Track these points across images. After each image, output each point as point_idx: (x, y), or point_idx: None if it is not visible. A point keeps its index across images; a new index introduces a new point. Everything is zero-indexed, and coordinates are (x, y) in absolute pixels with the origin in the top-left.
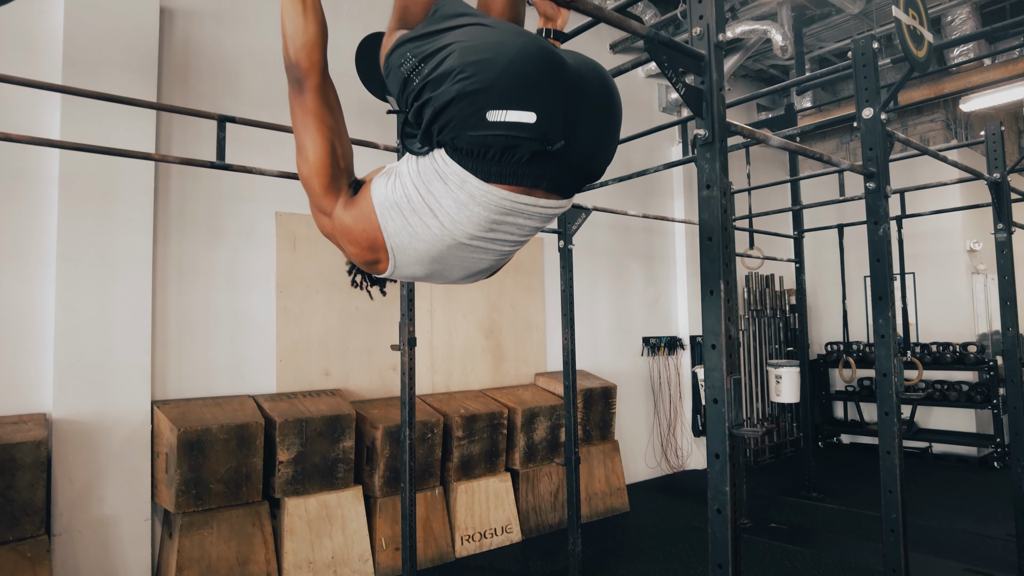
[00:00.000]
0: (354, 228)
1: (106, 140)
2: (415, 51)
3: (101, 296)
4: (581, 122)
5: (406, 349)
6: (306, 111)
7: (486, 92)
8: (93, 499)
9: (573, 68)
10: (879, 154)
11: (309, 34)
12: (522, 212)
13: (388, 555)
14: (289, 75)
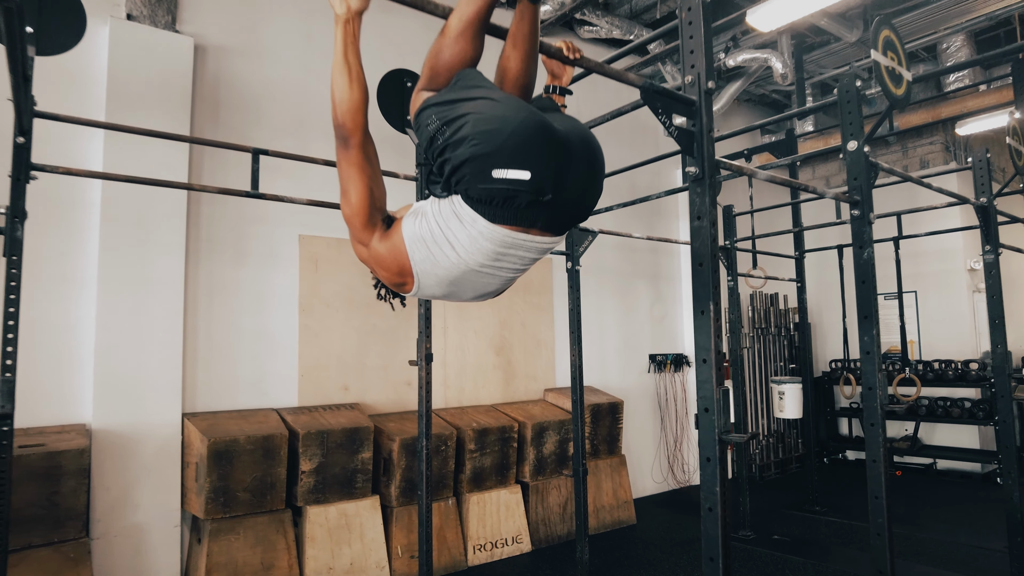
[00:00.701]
0: (387, 257)
1: (145, 170)
2: (439, 114)
3: (137, 316)
4: (568, 177)
5: (423, 364)
6: (350, 163)
7: (492, 155)
8: (128, 505)
9: (562, 134)
10: (863, 183)
11: (354, 100)
12: (521, 246)
13: (404, 563)
14: (336, 133)
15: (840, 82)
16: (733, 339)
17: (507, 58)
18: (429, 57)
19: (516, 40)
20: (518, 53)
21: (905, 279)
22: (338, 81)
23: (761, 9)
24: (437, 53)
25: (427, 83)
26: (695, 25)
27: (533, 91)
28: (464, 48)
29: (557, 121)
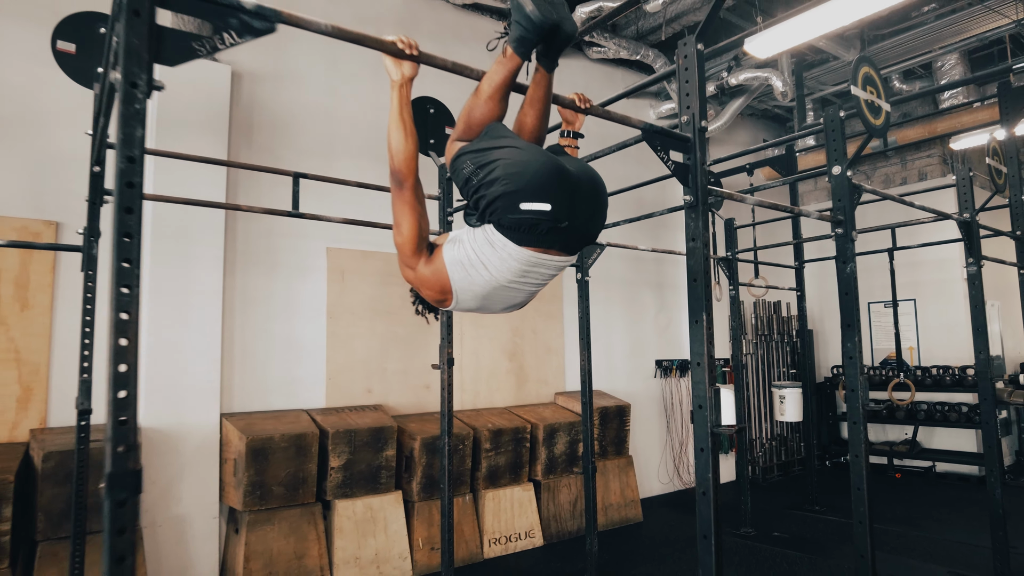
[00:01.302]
0: (431, 278)
1: (189, 190)
2: (473, 160)
3: (180, 324)
4: (579, 208)
5: (445, 368)
6: (404, 202)
7: (520, 191)
8: (171, 498)
9: (574, 175)
10: (846, 204)
11: (409, 151)
12: (543, 264)
13: (424, 554)
14: (393, 177)
15: (826, 113)
16: (735, 346)
17: (525, 114)
18: (463, 114)
19: (533, 101)
20: (534, 112)
21: (904, 287)
22: (395, 135)
23: (758, 38)
24: (471, 111)
25: (461, 134)
26: (691, 71)
27: (545, 139)
28: (493, 108)
29: (569, 164)
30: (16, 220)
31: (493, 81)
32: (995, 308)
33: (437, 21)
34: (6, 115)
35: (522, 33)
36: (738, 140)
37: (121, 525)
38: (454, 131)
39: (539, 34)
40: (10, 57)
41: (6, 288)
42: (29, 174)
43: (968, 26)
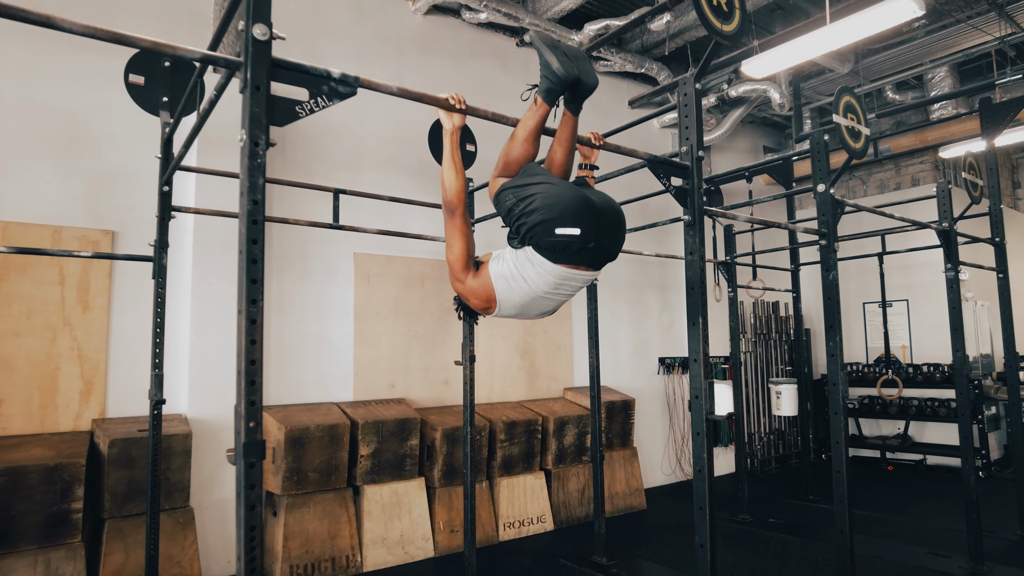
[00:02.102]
0: (478, 289)
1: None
2: (515, 194)
3: (222, 324)
4: (603, 231)
5: (467, 364)
6: (455, 227)
7: (555, 219)
8: (216, 483)
9: (598, 205)
10: (829, 219)
11: (459, 186)
12: (573, 278)
13: (445, 536)
14: (446, 207)
15: (812, 137)
16: (733, 344)
17: (555, 151)
18: (503, 155)
19: (561, 140)
20: (562, 149)
21: (898, 289)
22: (448, 174)
23: (755, 60)
24: (509, 152)
25: (501, 172)
26: (689, 107)
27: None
28: (527, 149)
29: (593, 195)
30: (78, 229)
31: (527, 127)
32: (985, 308)
33: (455, 40)
34: (72, 134)
35: (549, 86)
36: (739, 147)
37: (252, 482)
38: (496, 169)
39: (564, 86)
40: (78, 83)
41: (70, 292)
42: (89, 187)
43: (956, 41)
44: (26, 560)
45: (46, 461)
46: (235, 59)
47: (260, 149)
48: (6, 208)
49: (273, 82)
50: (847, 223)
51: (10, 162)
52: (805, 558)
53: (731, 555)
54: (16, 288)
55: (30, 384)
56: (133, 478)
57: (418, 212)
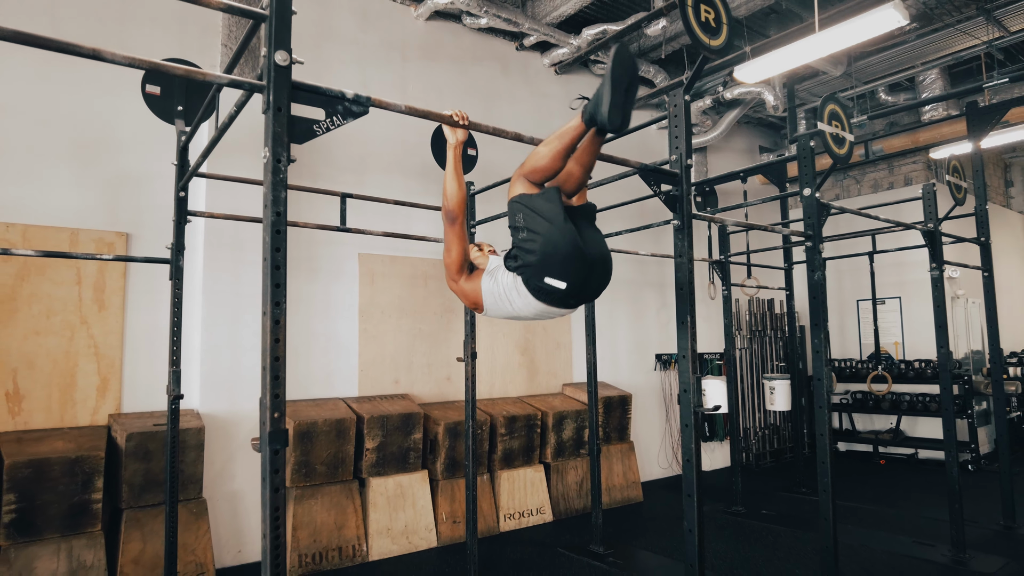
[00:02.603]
0: (469, 292)
1: (238, 207)
2: (525, 217)
3: (232, 323)
4: (588, 285)
5: (469, 361)
6: (454, 234)
7: (547, 268)
8: (227, 476)
9: (591, 257)
10: (815, 222)
11: (460, 196)
12: (553, 313)
13: (448, 526)
14: (447, 215)
15: (798, 143)
16: (727, 341)
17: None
18: (533, 157)
19: (581, 156)
20: (580, 167)
21: (891, 286)
22: (450, 184)
23: (748, 66)
24: (538, 158)
25: (526, 174)
26: (679, 119)
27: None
28: (555, 164)
29: (589, 244)
30: (94, 232)
31: (562, 142)
32: (976, 306)
33: (457, 45)
34: (88, 140)
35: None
36: (735, 147)
37: (276, 467)
38: (522, 168)
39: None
40: (94, 92)
41: (87, 291)
42: (104, 191)
43: (946, 45)
44: (50, 548)
45: (67, 454)
46: (259, 83)
47: (282, 165)
48: (27, 212)
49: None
50: (842, 222)
51: (31, 167)
52: (794, 547)
53: (724, 544)
54: (36, 289)
55: (50, 380)
56: (149, 470)
57: (421, 214)
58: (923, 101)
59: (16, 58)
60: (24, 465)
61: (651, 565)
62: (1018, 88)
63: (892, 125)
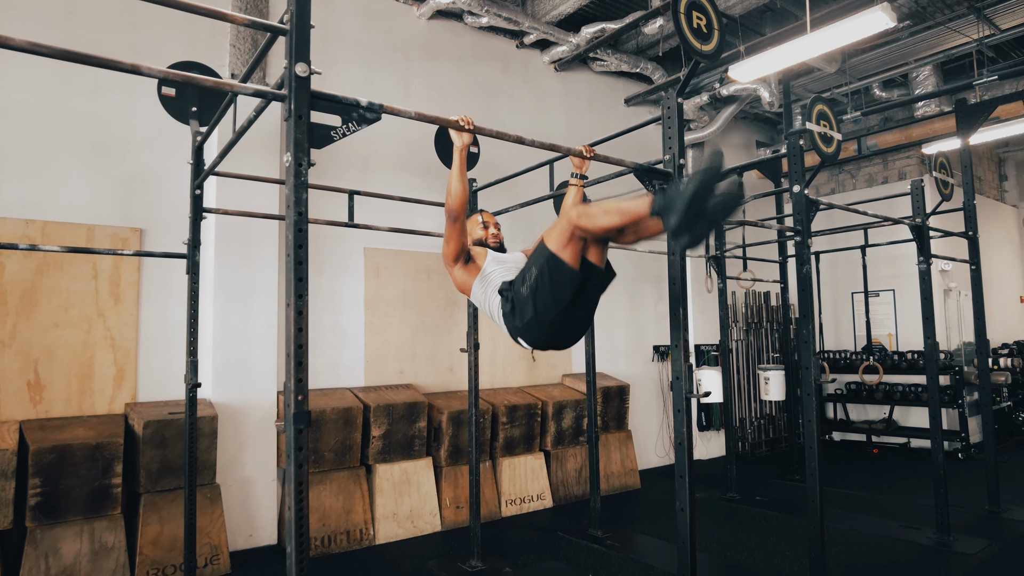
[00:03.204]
0: (460, 282)
1: (248, 203)
2: (538, 278)
3: (243, 316)
4: (548, 348)
5: (472, 351)
6: (454, 230)
7: (524, 332)
8: (238, 464)
9: (565, 342)
10: (804, 217)
11: (463, 195)
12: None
13: (451, 511)
14: (449, 213)
15: (788, 141)
16: (723, 333)
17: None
18: (588, 218)
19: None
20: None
21: (885, 279)
22: (454, 185)
23: (742, 65)
24: (593, 221)
25: (574, 227)
26: (672, 119)
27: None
28: (606, 234)
29: (577, 323)
30: (109, 228)
31: (624, 217)
32: (969, 299)
33: (458, 44)
34: (103, 140)
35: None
36: (732, 142)
37: (300, 445)
38: (574, 217)
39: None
40: (109, 94)
41: (103, 285)
42: (118, 189)
43: (938, 42)
44: (74, 529)
45: (88, 440)
46: (281, 93)
47: (303, 169)
48: (45, 209)
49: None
50: (837, 216)
51: (49, 166)
52: (786, 530)
53: (718, 528)
54: (55, 283)
55: (69, 371)
56: (165, 457)
57: (424, 209)
58: (916, 98)
59: (34, 62)
60: (48, 451)
61: (648, 547)
62: (1008, 85)
63: (886, 121)
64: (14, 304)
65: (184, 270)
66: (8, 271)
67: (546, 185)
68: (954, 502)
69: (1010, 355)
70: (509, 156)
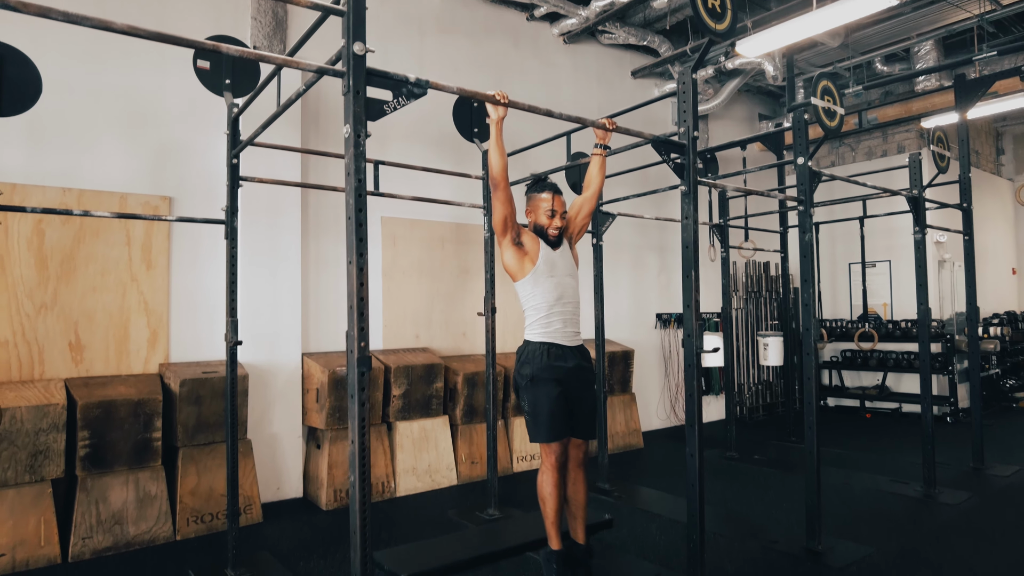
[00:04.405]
0: (507, 264)
1: (272, 172)
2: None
3: (271, 281)
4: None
5: (489, 315)
6: (498, 199)
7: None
8: (267, 421)
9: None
10: (807, 188)
11: (503, 166)
12: None
13: (467, 467)
14: (491, 182)
15: (793, 114)
16: (724, 300)
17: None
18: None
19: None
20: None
21: (882, 250)
22: (493, 156)
23: (748, 41)
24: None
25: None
26: (686, 95)
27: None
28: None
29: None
30: (141, 196)
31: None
32: (961, 269)
33: (470, 17)
34: (137, 112)
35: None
36: (735, 115)
37: (363, 385)
38: None
39: None
40: (143, 67)
41: (135, 252)
42: (150, 159)
43: (940, 17)
44: (120, 479)
45: (131, 397)
46: (340, 70)
47: (361, 139)
48: (80, 178)
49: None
50: (837, 188)
51: (84, 137)
52: (783, 486)
53: (719, 484)
54: (92, 249)
55: (107, 333)
56: (201, 413)
57: (440, 180)
58: (916, 72)
59: (69, 36)
60: (95, 406)
61: (652, 499)
62: (1007, 60)
63: (887, 95)
64: (55, 270)
65: (219, 236)
66: (48, 238)
67: (553, 157)
68: (941, 460)
69: (1000, 324)
70: (521, 128)
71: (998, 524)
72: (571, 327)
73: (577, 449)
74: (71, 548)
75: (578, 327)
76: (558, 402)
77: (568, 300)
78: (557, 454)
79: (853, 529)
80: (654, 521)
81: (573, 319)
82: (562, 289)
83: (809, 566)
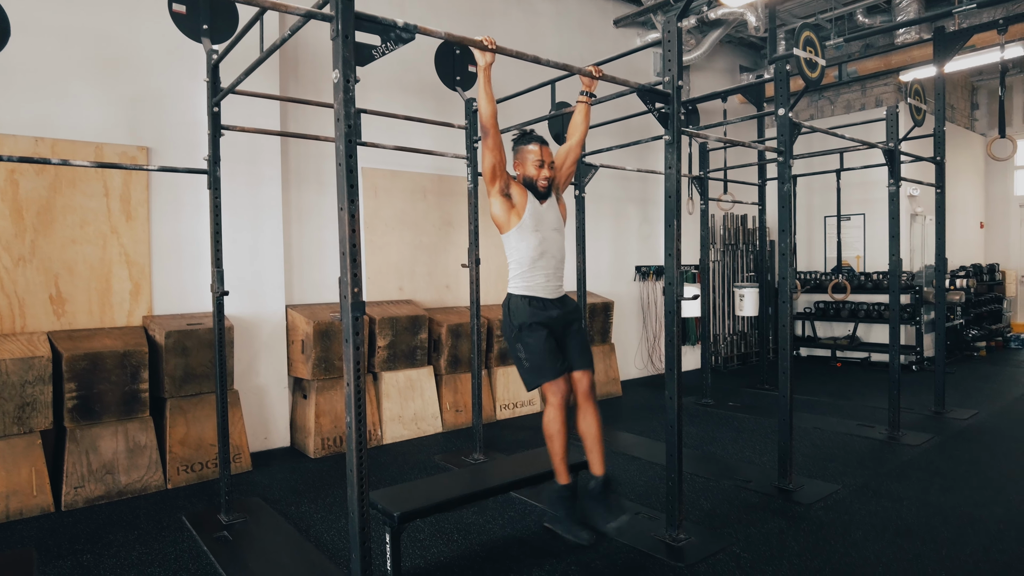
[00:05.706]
0: (495, 215)
1: (250, 121)
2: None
3: (252, 232)
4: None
5: (473, 266)
6: (487, 147)
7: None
8: (253, 373)
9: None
10: (787, 139)
11: (492, 112)
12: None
13: (451, 415)
14: (481, 130)
15: (776, 65)
16: (703, 252)
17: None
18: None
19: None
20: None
21: (856, 203)
22: (482, 102)
23: None
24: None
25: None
26: (672, 43)
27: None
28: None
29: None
30: (117, 146)
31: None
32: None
33: None
34: (109, 57)
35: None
36: (716, 67)
37: (357, 330)
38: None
39: None
40: (114, 10)
41: (114, 203)
42: (125, 107)
43: None
44: (110, 429)
45: (117, 348)
46: (328, 14)
47: (351, 85)
48: (53, 127)
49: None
50: (815, 141)
51: (55, 84)
52: (756, 430)
53: (695, 428)
54: (70, 200)
55: (89, 285)
56: (187, 364)
57: (422, 129)
58: (896, 24)
59: None
60: (81, 358)
61: (631, 443)
62: (986, 13)
63: (868, 47)
64: (31, 220)
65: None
66: (23, 188)
67: (537, 107)
68: (905, 406)
69: (966, 276)
70: (503, 77)
71: (953, 463)
72: (554, 281)
73: (580, 381)
74: (64, 497)
75: (561, 280)
76: (549, 341)
77: (552, 255)
78: (563, 391)
79: (821, 469)
80: (633, 463)
81: (556, 273)
82: (547, 244)
83: (780, 502)
